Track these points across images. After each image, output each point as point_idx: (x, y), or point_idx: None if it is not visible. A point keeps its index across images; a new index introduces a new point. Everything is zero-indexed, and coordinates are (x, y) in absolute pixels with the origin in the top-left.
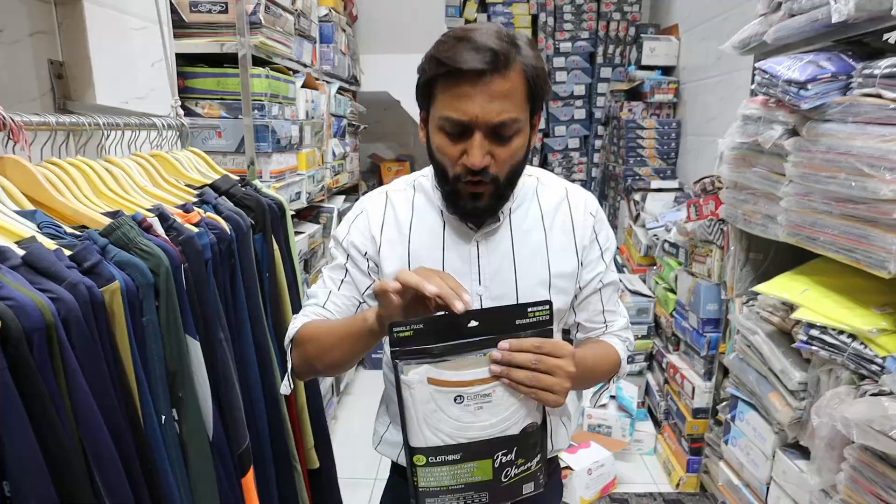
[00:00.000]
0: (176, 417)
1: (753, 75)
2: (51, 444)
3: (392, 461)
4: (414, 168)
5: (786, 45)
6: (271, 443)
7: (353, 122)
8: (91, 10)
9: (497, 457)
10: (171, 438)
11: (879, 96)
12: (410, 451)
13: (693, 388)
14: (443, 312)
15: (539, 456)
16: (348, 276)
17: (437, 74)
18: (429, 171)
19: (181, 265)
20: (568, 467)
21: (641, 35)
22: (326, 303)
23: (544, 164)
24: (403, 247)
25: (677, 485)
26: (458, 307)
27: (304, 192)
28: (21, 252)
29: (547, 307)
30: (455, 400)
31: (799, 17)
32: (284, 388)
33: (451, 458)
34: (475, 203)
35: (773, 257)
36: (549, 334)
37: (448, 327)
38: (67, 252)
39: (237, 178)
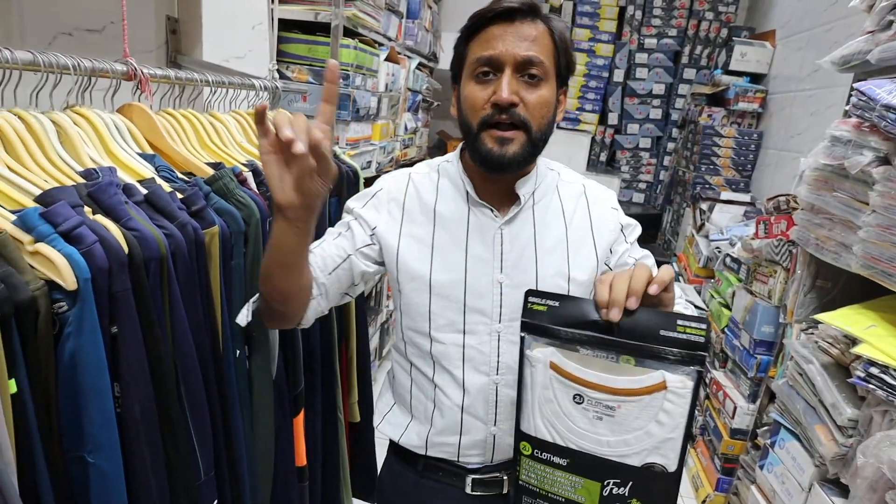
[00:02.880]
0: (247, 354)
1: (850, 95)
2: (154, 358)
3: (391, 441)
4: None
5: (890, 66)
6: (322, 391)
7: (428, 99)
8: None
9: (607, 484)
10: (242, 371)
11: None
12: (519, 435)
13: (735, 408)
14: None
15: None
16: (349, 231)
17: (472, 26)
18: (452, 156)
19: (268, 218)
20: None
21: (733, 38)
22: (315, 249)
23: (612, 160)
24: (427, 228)
25: (703, 501)
26: (299, 148)
27: (375, 162)
28: (144, 191)
29: (704, 327)
30: (574, 398)
31: None
32: (241, 317)
33: (556, 460)
34: (503, 148)
35: (841, 287)
36: (701, 362)
37: (584, 314)
38: (179, 195)
39: None
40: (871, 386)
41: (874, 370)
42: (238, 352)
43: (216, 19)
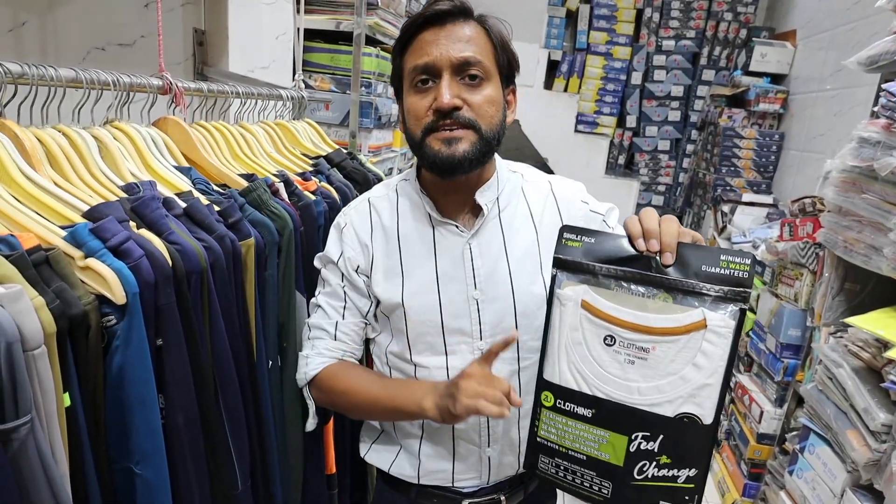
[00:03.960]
0: (279, 365)
1: (878, 96)
2: (195, 368)
3: (380, 470)
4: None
5: None
6: None
7: None
8: None
9: (636, 438)
10: (275, 382)
11: None
12: (540, 384)
13: (761, 413)
14: (616, 233)
15: (694, 471)
16: (349, 301)
17: (403, 37)
18: (409, 173)
19: (300, 228)
20: None
21: (753, 38)
22: (337, 334)
23: (630, 163)
24: (395, 257)
25: None
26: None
27: (396, 169)
28: (183, 204)
29: (748, 262)
30: (605, 340)
31: None
32: (310, 424)
33: (581, 411)
34: (452, 147)
35: (871, 290)
36: (744, 299)
37: (621, 250)
38: (216, 208)
39: (346, 151)
40: None
41: None
42: (271, 363)
43: (242, 30)
